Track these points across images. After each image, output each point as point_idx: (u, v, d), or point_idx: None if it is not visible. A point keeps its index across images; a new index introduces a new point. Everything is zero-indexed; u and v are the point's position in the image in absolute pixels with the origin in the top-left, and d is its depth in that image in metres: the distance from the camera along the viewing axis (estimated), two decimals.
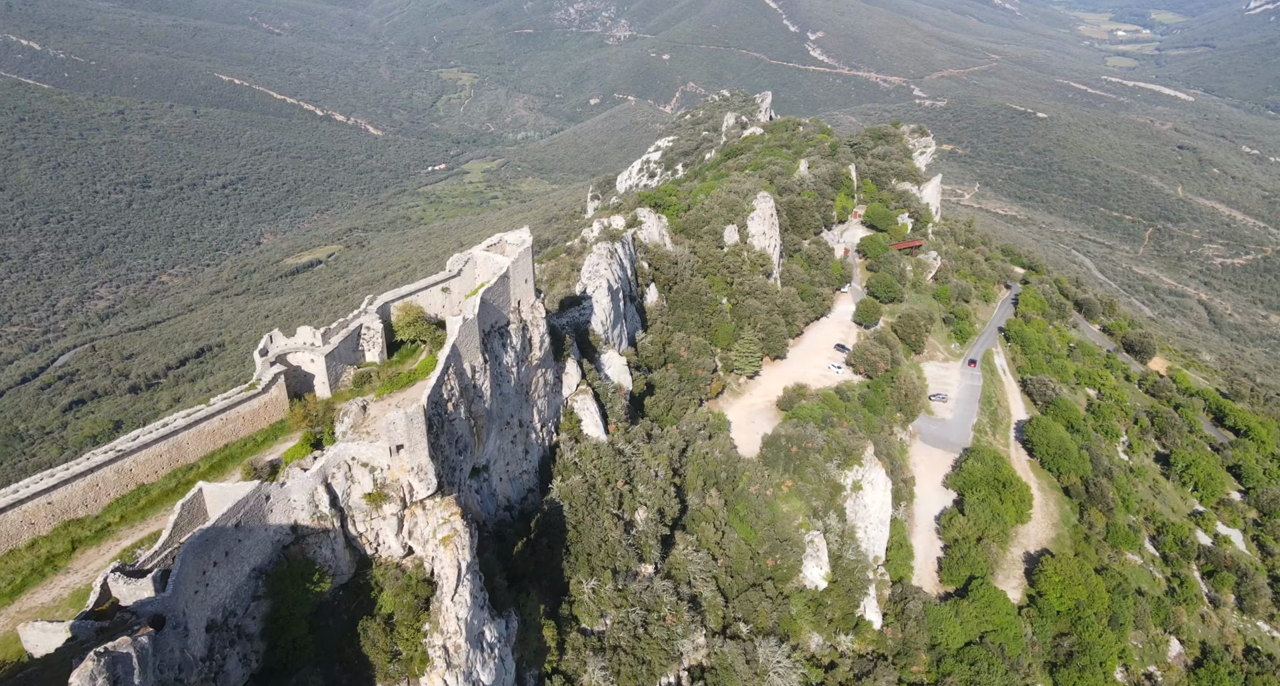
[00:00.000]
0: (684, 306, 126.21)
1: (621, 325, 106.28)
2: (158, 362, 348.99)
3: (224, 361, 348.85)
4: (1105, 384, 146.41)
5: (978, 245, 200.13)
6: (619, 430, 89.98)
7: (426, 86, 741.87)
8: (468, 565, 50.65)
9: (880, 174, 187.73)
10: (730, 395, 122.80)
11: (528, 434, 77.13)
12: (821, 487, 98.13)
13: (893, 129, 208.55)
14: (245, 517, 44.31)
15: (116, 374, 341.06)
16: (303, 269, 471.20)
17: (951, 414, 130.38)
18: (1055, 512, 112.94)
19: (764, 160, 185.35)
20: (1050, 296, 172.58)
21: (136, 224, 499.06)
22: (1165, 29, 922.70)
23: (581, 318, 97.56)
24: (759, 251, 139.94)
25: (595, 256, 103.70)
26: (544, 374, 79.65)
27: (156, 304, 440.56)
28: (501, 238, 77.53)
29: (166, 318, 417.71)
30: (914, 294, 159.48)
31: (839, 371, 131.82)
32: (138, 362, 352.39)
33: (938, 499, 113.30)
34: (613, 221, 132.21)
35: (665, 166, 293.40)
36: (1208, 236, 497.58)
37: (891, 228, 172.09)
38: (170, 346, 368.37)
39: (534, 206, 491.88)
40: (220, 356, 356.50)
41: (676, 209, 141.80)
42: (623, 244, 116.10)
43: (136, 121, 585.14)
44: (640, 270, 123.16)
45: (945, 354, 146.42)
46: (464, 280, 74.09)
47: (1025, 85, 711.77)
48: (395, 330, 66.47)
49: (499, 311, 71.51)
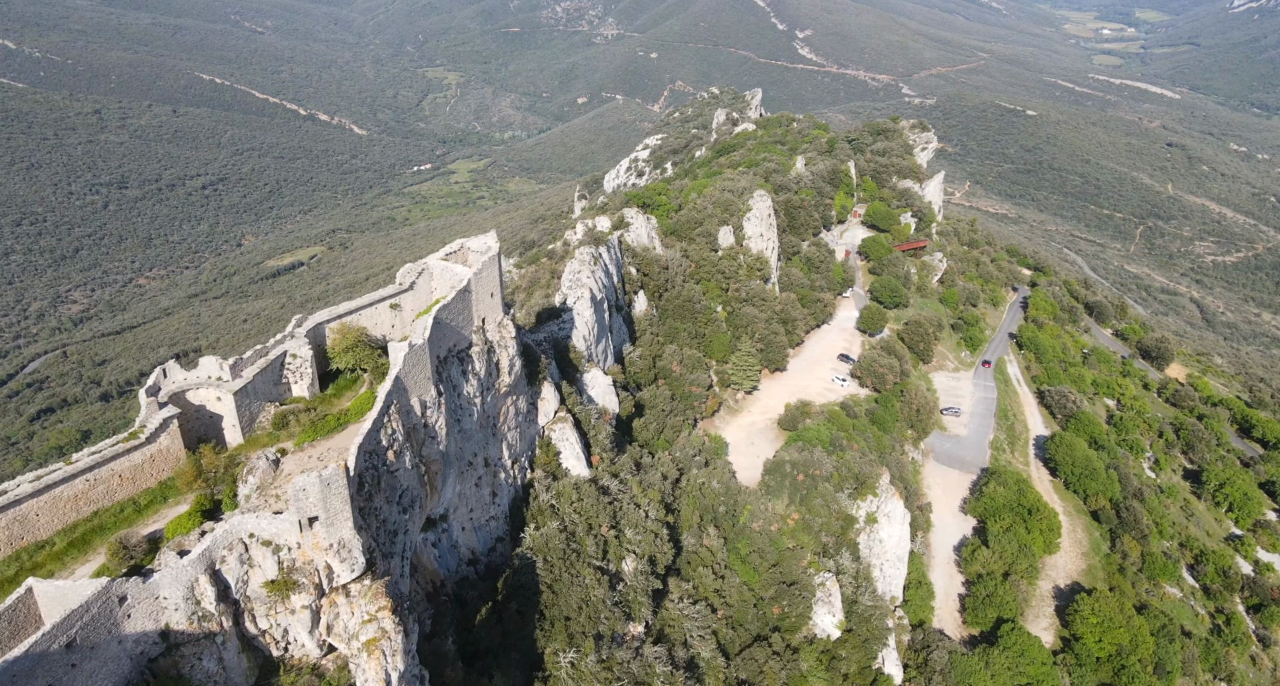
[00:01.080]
0: (675, 315, 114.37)
1: (606, 339, 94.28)
2: (131, 369, 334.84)
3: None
4: (1125, 393, 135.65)
5: (982, 245, 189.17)
6: (604, 461, 78.04)
7: (412, 85, 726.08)
8: (400, 675, 38.54)
9: (880, 171, 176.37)
10: (727, 413, 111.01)
11: (495, 474, 65.09)
12: (831, 521, 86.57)
13: (892, 124, 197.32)
14: (85, 631, 32.02)
15: (88, 381, 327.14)
16: (284, 271, 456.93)
17: (966, 429, 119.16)
18: (1084, 540, 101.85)
19: (758, 157, 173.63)
20: (1060, 299, 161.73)
21: (113, 225, 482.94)
22: (1150, 27, 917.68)
23: (561, 332, 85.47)
24: (756, 254, 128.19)
25: (577, 263, 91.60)
26: (515, 402, 67.65)
27: (133, 307, 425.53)
28: (464, 244, 65.40)
29: (142, 322, 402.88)
30: (919, 298, 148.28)
31: (844, 384, 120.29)
32: (110, 369, 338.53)
33: (956, 526, 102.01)
34: (597, 223, 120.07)
35: (654, 165, 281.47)
36: (1198, 234, 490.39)
37: (894, 228, 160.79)
38: (145, 352, 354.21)
39: (520, 206, 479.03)
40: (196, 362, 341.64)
41: (666, 209, 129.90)
42: (608, 248, 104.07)
43: (114, 121, 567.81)
44: (627, 276, 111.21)
45: (955, 363, 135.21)
46: (418, 294, 61.93)
47: (1013, 83, 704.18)
48: (330, 357, 54.25)
49: (458, 332, 59.40)
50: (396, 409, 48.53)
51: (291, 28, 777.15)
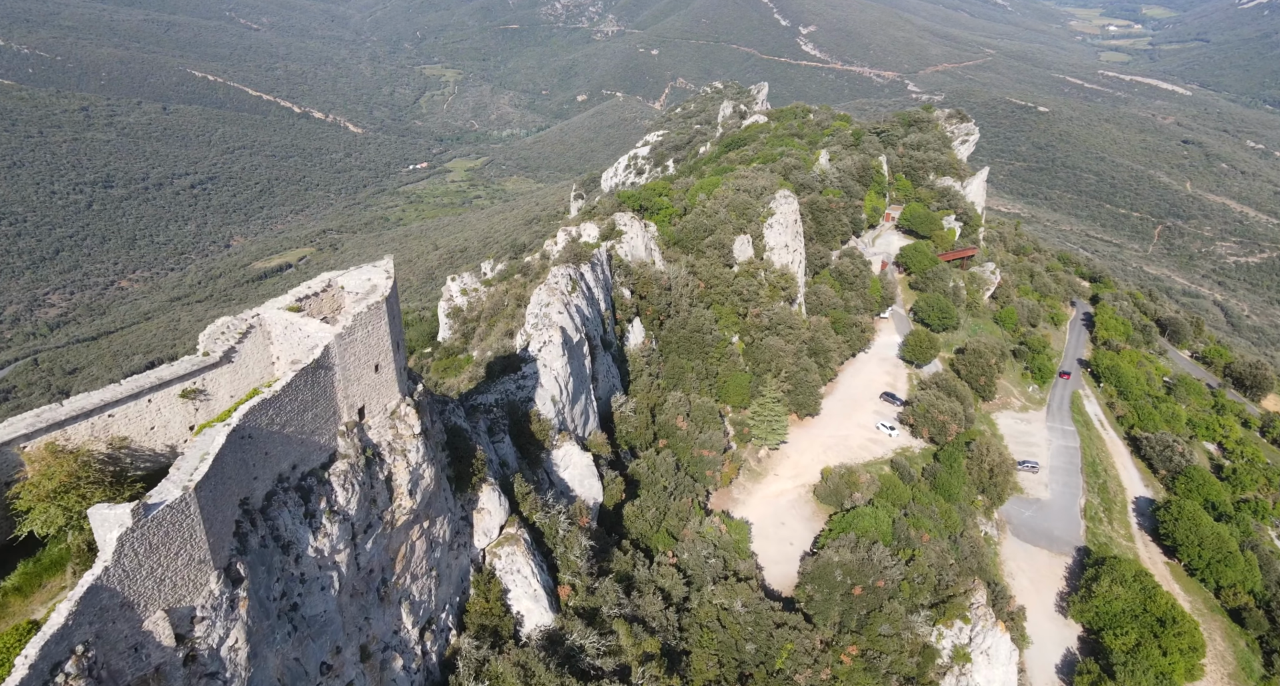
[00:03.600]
0: (681, 349, 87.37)
1: (587, 396, 67.04)
2: (102, 378, 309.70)
3: None
4: (1229, 436, 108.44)
5: (1030, 252, 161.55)
6: (577, 592, 51.18)
7: (409, 83, 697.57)
8: None
9: (915, 167, 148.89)
10: (748, 478, 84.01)
11: (384, 665, 38.23)
12: (903, 658, 59.65)
13: (925, 114, 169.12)
14: None
15: (56, 391, 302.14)
16: (271, 273, 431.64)
17: (1048, 491, 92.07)
18: (1228, 655, 74.82)
19: (774, 151, 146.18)
20: (1131, 316, 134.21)
21: (96, 226, 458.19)
22: (1157, 24, 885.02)
23: (520, 393, 58.43)
24: (780, 269, 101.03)
25: (546, 291, 64.29)
26: (426, 531, 40.71)
27: (113, 311, 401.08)
28: (332, 282, 38.19)
29: (121, 327, 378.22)
30: (971, 319, 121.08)
31: (893, 434, 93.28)
32: (80, 378, 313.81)
33: (1055, 635, 74.96)
34: (583, 231, 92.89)
35: (655, 162, 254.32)
36: (1220, 234, 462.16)
37: (935, 233, 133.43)
38: (119, 359, 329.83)
39: (516, 206, 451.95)
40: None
41: (669, 213, 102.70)
42: (594, 266, 76.96)
43: (101, 119, 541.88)
44: (619, 300, 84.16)
45: (1022, 400, 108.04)
46: (243, 368, 35.09)
47: (1021, 79, 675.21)
48: (16, 507, 27.41)
49: (303, 443, 32.51)
50: (93, 647, 21.92)
51: (287, 24, 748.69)
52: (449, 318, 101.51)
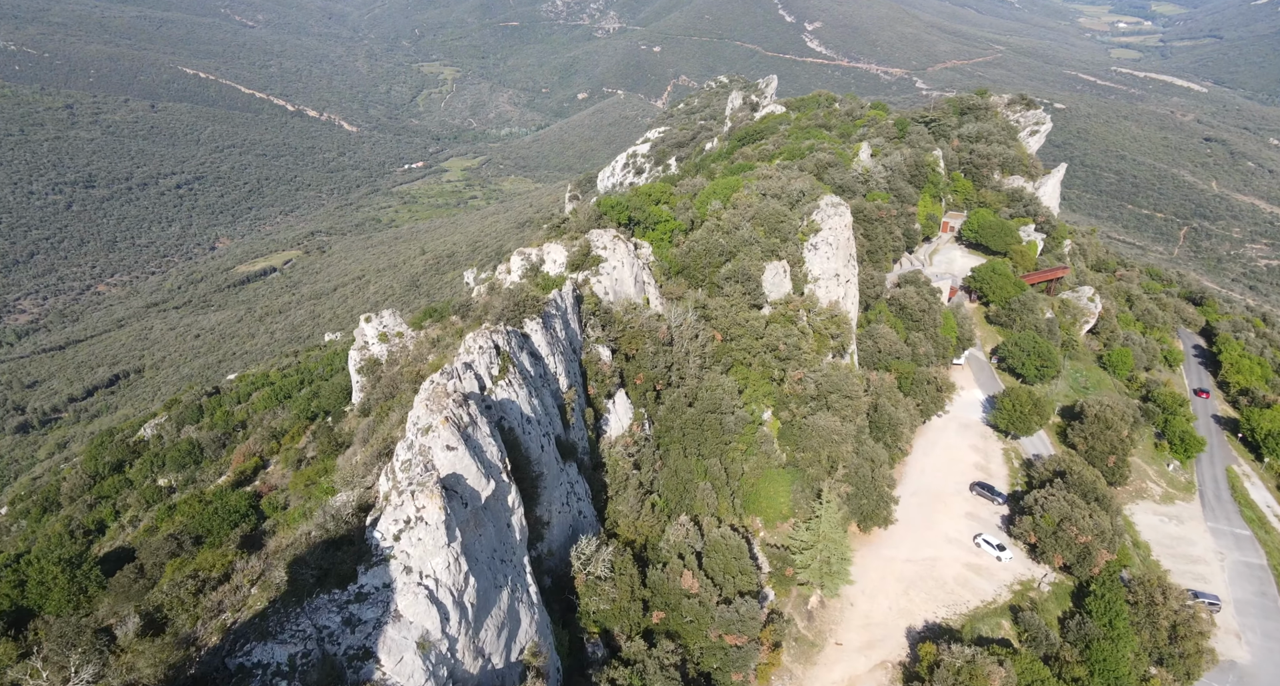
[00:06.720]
0: (688, 438, 55.29)
1: (510, 596, 34.67)
2: (62, 393, 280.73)
3: (136, 392, 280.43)
4: None
5: (1114, 267, 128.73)
6: None
7: (406, 81, 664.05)
8: None
9: (976, 164, 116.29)
10: (795, 656, 51.91)
11: None
12: None
13: (981, 99, 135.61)
14: None
15: (10, 406, 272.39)
16: (255, 277, 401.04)
17: (1244, 644, 59.75)
18: None
19: (800, 145, 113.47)
20: (1262, 351, 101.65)
21: (75, 228, 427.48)
22: (1167, 20, 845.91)
23: (349, 637, 26.40)
24: (828, 309, 68.68)
25: (426, 408, 31.76)
26: None
27: (86, 318, 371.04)
28: None
29: (91, 335, 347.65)
30: (1070, 364, 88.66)
31: (1001, 556, 61.18)
32: (39, 393, 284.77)
33: None
34: (545, 256, 60.55)
35: (656, 161, 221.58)
36: (1249, 236, 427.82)
37: (1013, 248, 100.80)
38: (83, 371, 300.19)
39: (511, 207, 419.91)
40: (135, 385, 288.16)
41: (669, 228, 70.26)
42: (547, 319, 44.95)
43: (86, 116, 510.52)
44: (593, 364, 52.19)
45: (1163, 486, 75.65)
46: None
47: (1032, 76, 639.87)
48: None
49: None
50: None
51: (284, 22, 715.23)
52: (360, 374, 69.63)
